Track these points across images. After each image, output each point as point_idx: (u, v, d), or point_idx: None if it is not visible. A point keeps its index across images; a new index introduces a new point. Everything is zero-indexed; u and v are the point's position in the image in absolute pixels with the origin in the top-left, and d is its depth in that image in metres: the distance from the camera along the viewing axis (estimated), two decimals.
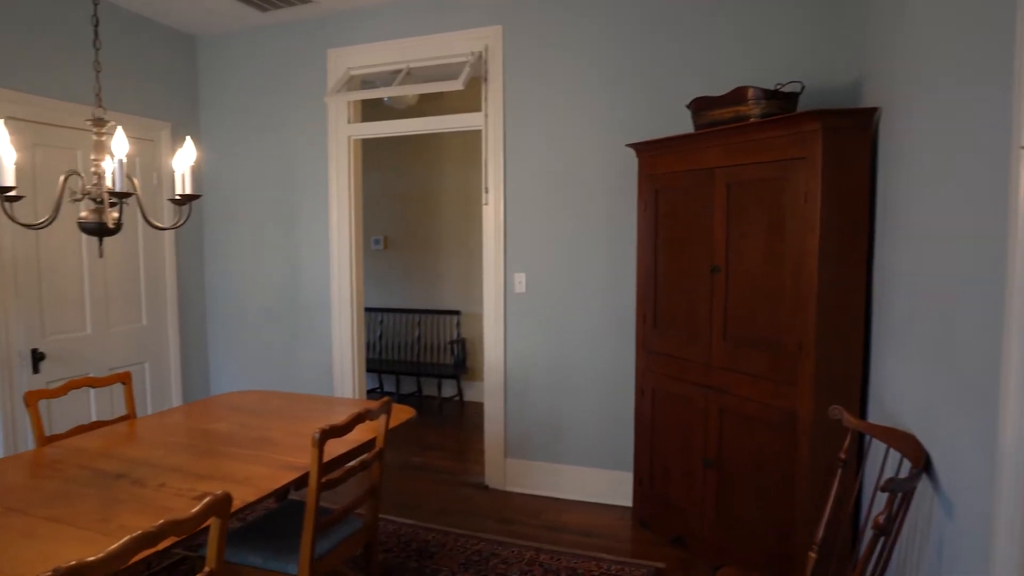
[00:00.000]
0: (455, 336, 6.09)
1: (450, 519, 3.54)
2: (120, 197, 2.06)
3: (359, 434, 2.47)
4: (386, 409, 2.39)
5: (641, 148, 3.31)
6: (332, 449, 2.27)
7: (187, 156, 2.27)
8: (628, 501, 3.62)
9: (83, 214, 2.12)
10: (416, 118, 4.17)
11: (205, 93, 4.61)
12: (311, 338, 4.42)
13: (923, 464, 1.76)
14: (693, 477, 3.06)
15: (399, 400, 6.17)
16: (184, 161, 2.26)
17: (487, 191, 3.87)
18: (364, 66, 4.14)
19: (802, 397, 2.54)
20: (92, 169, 2.15)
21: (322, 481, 2.09)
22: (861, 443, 2.56)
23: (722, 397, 2.89)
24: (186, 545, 1.82)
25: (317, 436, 2.02)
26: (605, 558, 3.07)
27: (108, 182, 2.12)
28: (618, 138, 3.57)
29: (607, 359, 3.68)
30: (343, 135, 4.21)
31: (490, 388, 3.96)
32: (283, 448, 2.39)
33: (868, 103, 2.76)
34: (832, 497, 2.02)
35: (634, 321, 3.54)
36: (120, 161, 2.02)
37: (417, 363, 6.12)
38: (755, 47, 3.27)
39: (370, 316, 6.34)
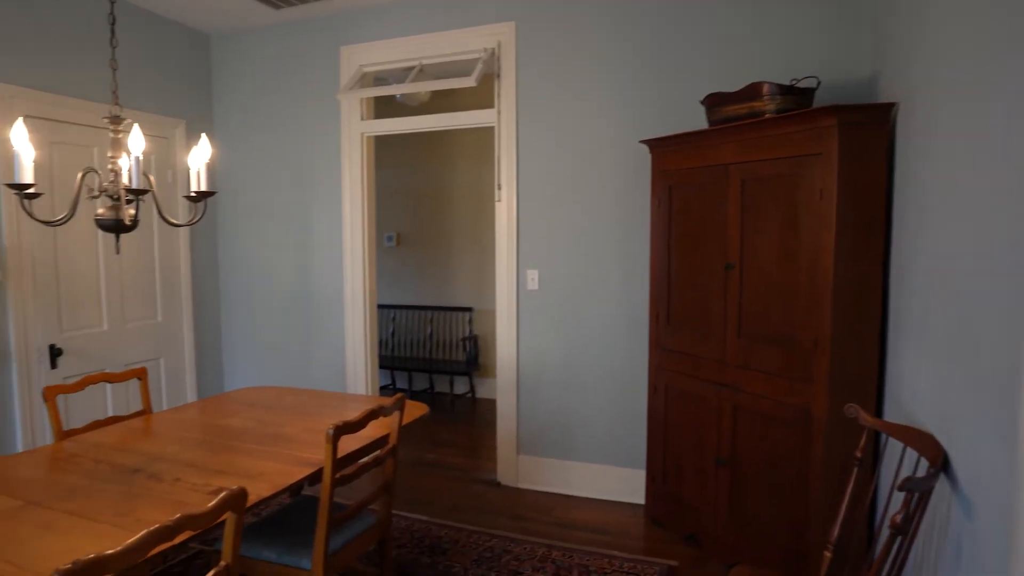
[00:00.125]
0: (467, 333, 6.10)
1: (462, 515, 3.55)
2: (136, 194, 2.07)
3: (373, 430, 2.49)
4: (399, 406, 2.39)
5: (655, 144, 3.29)
6: (346, 445, 2.28)
7: (202, 153, 2.28)
8: (640, 499, 3.61)
9: (100, 211, 2.14)
10: (429, 115, 4.16)
11: (219, 91, 4.64)
12: (324, 335, 4.44)
13: (941, 463, 1.74)
14: (706, 475, 3.05)
15: (411, 397, 6.18)
16: (199, 158, 2.27)
17: (500, 188, 3.87)
18: (377, 63, 4.15)
19: (817, 395, 2.53)
20: (109, 166, 2.17)
21: (336, 477, 2.10)
22: (877, 442, 2.54)
23: (736, 394, 2.88)
24: (201, 539, 1.83)
25: (331, 432, 2.03)
26: (617, 555, 3.07)
27: (125, 179, 2.14)
28: (631, 134, 3.55)
29: (620, 356, 3.67)
30: (356, 132, 4.22)
31: (502, 385, 3.96)
32: (297, 444, 2.40)
33: (885, 98, 2.72)
34: (848, 496, 2.01)
35: (647, 318, 3.53)
36: (136, 158, 2.03)
37: (429, 360, 6.13)
38: (770, 42, 3.24)
39: (382, 313, 6.36)
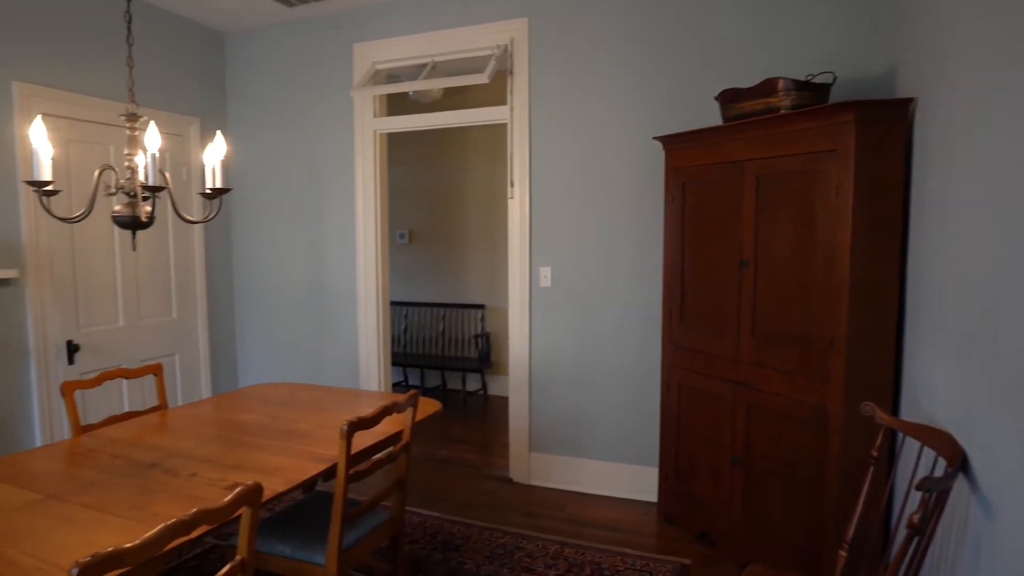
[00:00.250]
0: (479, 330, 6.10)
1: (475, 512, 3.55)
2: (153, 191, 2.09)
3: (386, 427, 2.49)
4: (413, 402, 2.40)
5: (668, 141, 3.27)
6: (360, 441, 2.29)
7: (217, 150, 2.29)
8: (653, 497, 3.60)
9: (117, 208, 2.16)
10: (441, 112, 4.17)
11: (233, 89, 4.66)
12: (337, 331, 4.46)
13: (960, 463, 1.72)
14: (720, 473, 3.03)
15: (424, 394, 6.20)
16: (215, 155, 2.29)
17: (512, 185, 3.87)
18: (389, 60, 4.15)
19: (833, 393, 2.50)
20: (125, 164, 2.18)
21: (350, 473, 2.10)
22: (893, 441, 2.52)
23: (750, 393, 2.86)
24: (216, 534, 1.85)
25: (345, 428, 2.03)
26: (630, 553, 3.06)
27: (141, 176, 2.15)
28: (644, 131, 3.54)
29: (633, 354, 3.66)
30: (369, 129, 4.23)
31: (515, 382, 3.96)
32: (311, 440, 2.41)
33: (903, 93, 2.69)
34: (864, 495, 1.99)
35: (660, 315, 3.51)
36: (153, 155, 2.05)
37: (442, 357, 6.14)
38: (785, 38, 3.21)
39: (395, 310, 6.38)
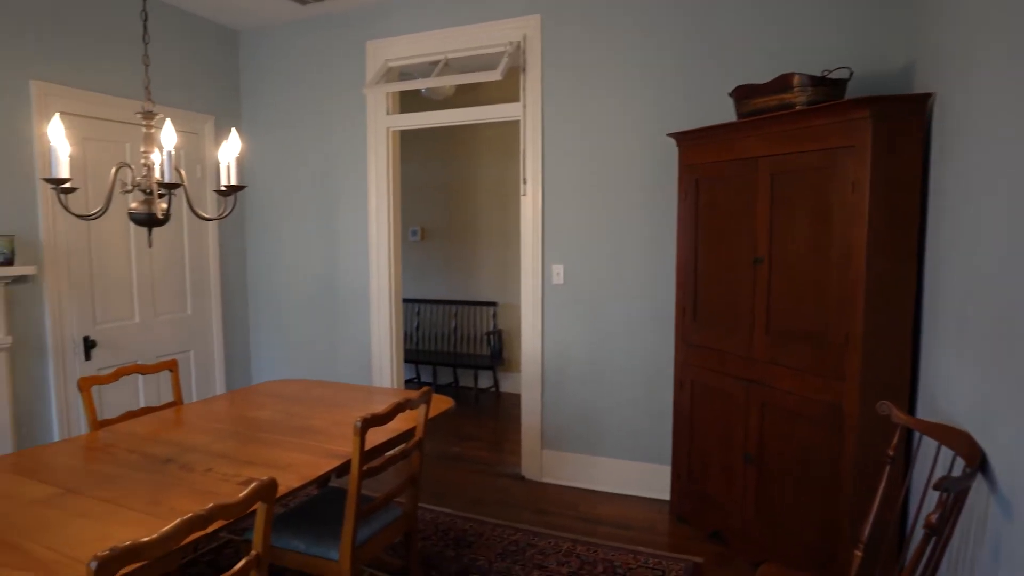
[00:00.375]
0: (491, 327, 6.11)
1: (487, 509, 3.56)
2: (169, 188, 2.11)
3: (399, 423, 2.50)
4: (426, 399, 2.40)
5: (682, 138, 3.26)
6: (373, 438, 2.30)
7: (232, 147, 2.30)
8: (665, 495, 3.59)
9: (133, 205, 2.17)
10: (454, 109, 4.17)
11: (246, 87, 4.69)
12: (350, 328, 4.47)
13: (978, 463, 1.70)
14: (733, 472, 3.02)
15: (436, 391, 6.21)
16: (229, 152, 2.30)
17: (525, 182, 3.86)
18: (402, 57, 4.16)
19: (848, 392, 2.48)
20: (141, 161, 2.20)
21: (363, 469, 2.11)
22: (909, 440, 2.50)
23: (764, 391, 2.84)
24: (231, 529, 1.86)
25: (359, 424, 2.04)
26: (642, 551, 3.05)
27: (157, 174, 2.17)
28: (657, 127, 3.52)
29: (645, 351, 3.64)
30: (381, 126, 4.23)
31: (527, 379, 3.96)
32: (325, 436, 2.42)
33: (920, 89, 2.66)
34: (879, 494, 1.97)
35: (673, 313, 3.50)
36: (169, 153, 2.06)
37: (454, 354, 6.15)
38: (799, 33, 3.18)
39: (407, 307, 6.40)
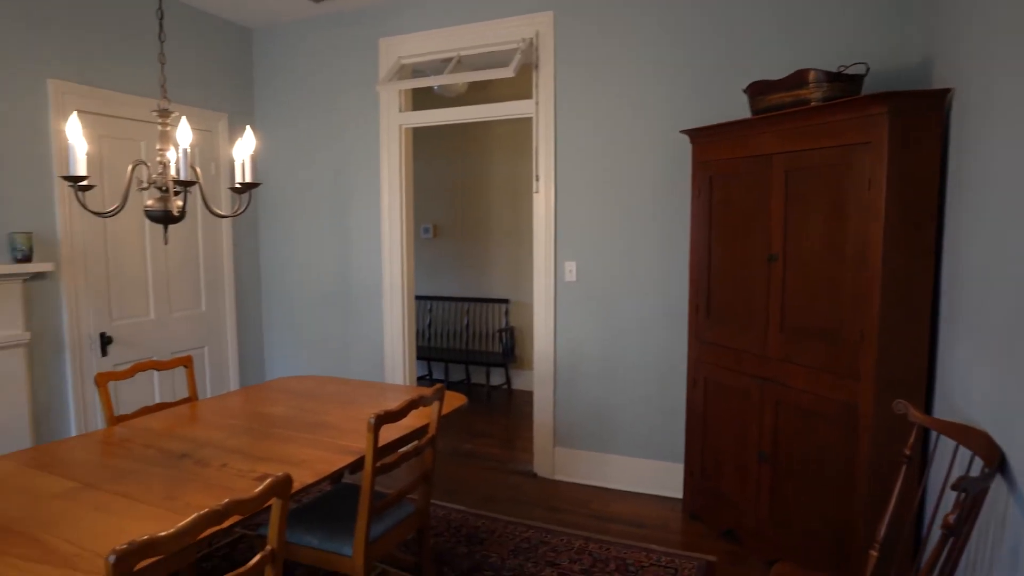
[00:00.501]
0: (504, 324, 6.11)
1: (499, 506, 3.56)
2: (184, 186, 2.12)
3: (412, 420, 2.51)
4: (439, 396, 2.41)
5: (695, 134, 3.24)
6: (387, 434, 2.30)
7: (247, 145, 2.31)
8: (678, 493, 3.58)
9: (149, 202, 2.19)
10: (467, 106, 4.16)
11: (260, 84, 4.71)
12: (363, 325, 4.49)
13: (997, 463, 1.68)
14: (746, 470, 3.00)
15: (448, 388, 6.22)
16: (244, 150, 2.31)
17: (538, 179, 3.86)
18: (415, 55, 4.16)
19: (863, 390, 2.46)
20: (157, 159, 2.22)
21: (377, 465, 2.12)
22: (925, 440, 2.47)
23: (778, 389, 2.83)
24: (245, 524, 1.88)
25: (373, 421, 2.05)
26: (655, 549, 3.05)
27: (172, 171, 2.18)
28: (670, 124, 3.50)
29: (658, 349, 3.63)
30: (394, 123, 4.24)
31: (539, 377, 3.96)
32: (339, 432, 2.43)
33: (939, 84, 2.63)
34: (895, 494, 1.96)
35: (686, 310, 3.49)
36: (184, 150, 2.07)
37: (466, 351, 6.16)
38: (814, 28, 3.15)
39: (419, 304, 6.41)
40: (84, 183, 2.03)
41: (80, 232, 3.53)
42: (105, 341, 3.67)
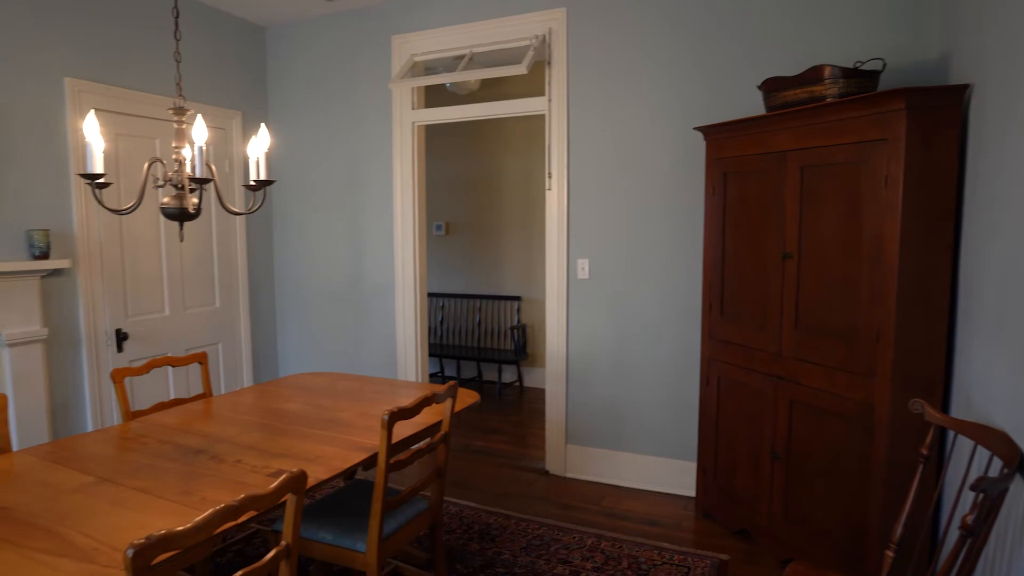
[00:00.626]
0: (515, 322, 6.11)
1: (511, 503, 3.57)
2: (200, 183, 2.13)
3: (425, 417, 2.52)
4: (452, 393, 2.41)
5: (709, 131, 3.22)
6: (400, 431, 2.31)
7: (262, 143, 2.33)
8: (691, 491, 3.57)
9: (165, 200, 2.21)
10: (479, 103, 4.16)
11: (273, 82, 4.73)
12: (375, 322, 4.51)
13: (1017, 464, 1.66)
14: (760, 469, 2.99)
15: (460, 385, 6.24)
16: (259, 147, 2.32)
17: (550, 176, 3.85)
18: (427, 52, 4.16)
19: (879, 389, 2.44)
20: (173, 156, 2.23)
21: (390, 462, 2.13)
22: (942, 440, 2.45)
23: (792, 388, 2.81)
24: (260, 519, 1.89)
25: (386, 418, 2.05)
26: (668, 547, 3.04)
27: (188, 169, 2.20)
28: (684, 121, 3.48)
29: (671, 347, 3.62)
30: (407, 121, 4.25)
31: (552, 374, 3.96)
32: (352, 429, 2.44)
33: (956, 80, 2.60)
34: (912, 494, 1.94)
35: (699, 308, 3.47)
36: (200, 148, 2.09)
37: (478, 348, 6.17)
38: (829, 23, 3.12)
39: (431, 301, 6.43)
40: (101, 181, 2.04)
41: (96, 229, 3.56)
42: (121, 337, 3.70)
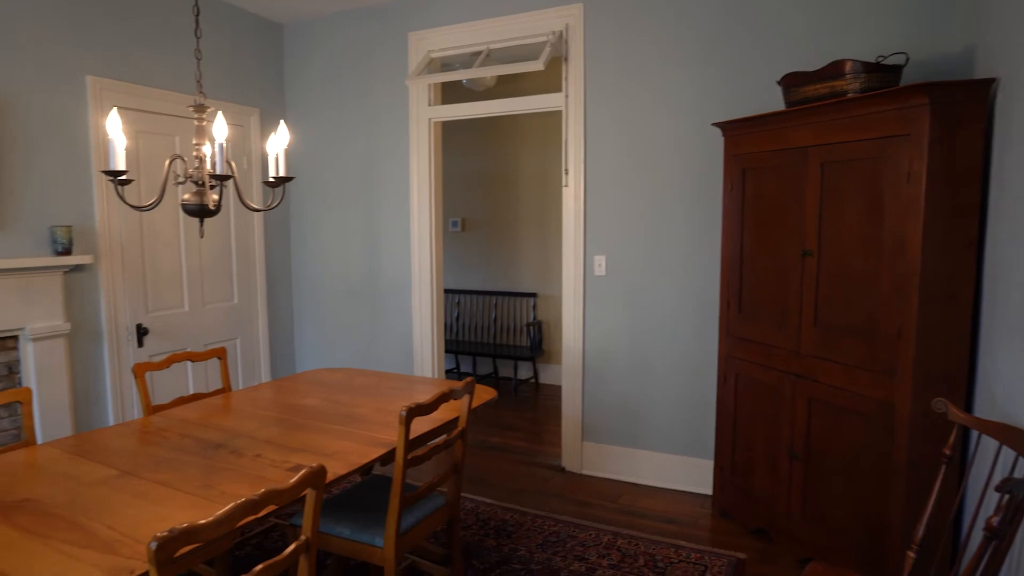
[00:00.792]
0: (531, 318, 6.11)
1: (527, 500, 3.57)
2: (220, 180, 2.15)
3: (442, 413, 2.53)
4: (469, 389, 2.42)
5: (728, 127, 3.19)
6: (417, 427, 2.32)
7: (281, 139, 2.34)
8: (708, 489, 3.55)
9: (186, 196, 2.23)
10: (496, 99, 4.15)
11: (290, 79, 4.75)
12: (391, 318, 4.52)
13: None
14: (778, 468, 2.96)
15: (475, 381, 6.25)
16: (278, 144, 2.33)
17: (567, 172, 3.84)
18: (444, 48, 4.16)
19: (900, 388, 2.41)
20: (194, 153, 2.25)
21: (408, 457, 2.14)
22: (965, 440, 2.42)
23: (811, 386, 2.78)
24: (278, 513, 1.90)
25: (404, 413, 2.06)
26: (684, 545, 3.03)
27: (208, 165, 2.22)
28: (701, 117, 3.46)
29: (688, 344, 3.60)
30: (424, 117, 4.25)
31: (568, 371, 3.95)
32: (370, 424, 2.46)
33: (981, 74, 2.56)
34: (934, 495, 1.91)
35: (717, 305, 3.45)
36: (220, 145, 2.10)
37: (493, 345, 6.18)
38: (848, 17, 3.08)
39: (447, 298, 6.44)
40: (123, 177, 2.07)
41: (117, 226, 3.61)
42: (141, 332, 3.75)
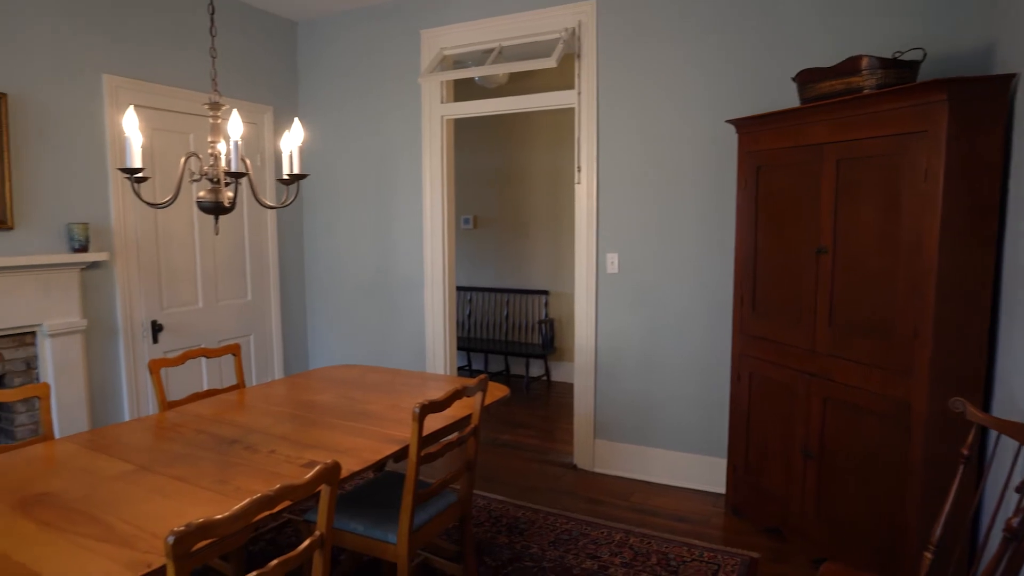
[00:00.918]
0: (543, 316, 6.10)
1: (539, 497, 3.57)
2: (235, 177, 2.16)
3: (455, 410, 2.53)
4: (482, 387, 2.42)
5: (742, 124, 3.17)
6: (431, 424, 2.32)
7: (295, 137, 2.35)
8: (721, 488, 3.54)
9: (201, 194, 2.24)
10: (509, 97, 4.14)
11: (304, 77, 4.77)
12: (404, 315, 4.53)
13: None
14: (792, 467, 2.95)
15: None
16: (292, 142, 2.34)
17: (579, 170, 3.83)
18: (457, 46, 4.16)
19: (917, 387, 2.39)
20: (209, 151, 2.26)
21: (421, 454, 2.14)
22: (983, 440, 2.39)
23: (825, 385, 2.76)
24: (292, 509, 1.92)
25: (418, 410, 2.07)
26: (697, 544, 3.02)
27: (223, 163, 2.23)
28: (715, 114, 3.44)
29: (701, 342, 3.58)
30: (436, 115, 4.26)
31: (580, 368, 3.95)
32: (383, 421, 2.46)
33: (1001, 69, 2.52)
34: (952, 495, 1.89)
35: (730, 303, 3.43)
36: (236, 142, 2.11)
37: (505, 342, 6.18)
38: (863, 12, 3.05)
39: (459, 295, 6.44)
40: (140, 175, 2.08)
41: (133, 223, 3.64)
42: (156, 328, 3.78)
